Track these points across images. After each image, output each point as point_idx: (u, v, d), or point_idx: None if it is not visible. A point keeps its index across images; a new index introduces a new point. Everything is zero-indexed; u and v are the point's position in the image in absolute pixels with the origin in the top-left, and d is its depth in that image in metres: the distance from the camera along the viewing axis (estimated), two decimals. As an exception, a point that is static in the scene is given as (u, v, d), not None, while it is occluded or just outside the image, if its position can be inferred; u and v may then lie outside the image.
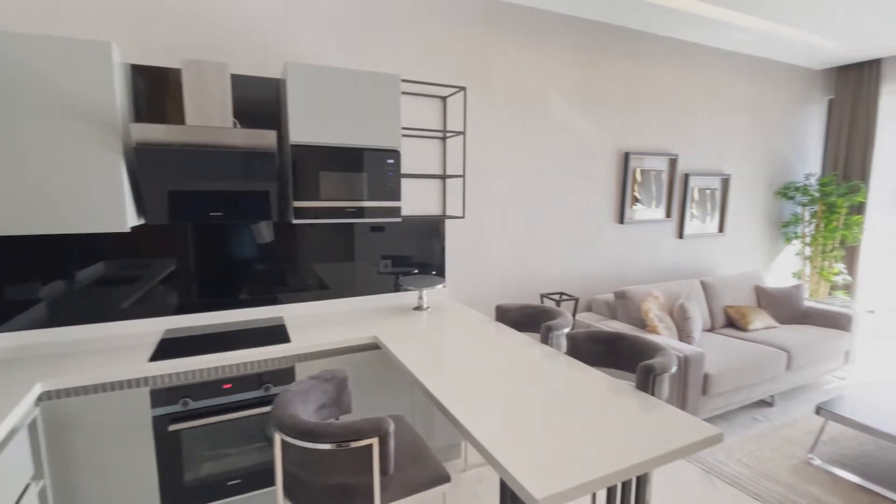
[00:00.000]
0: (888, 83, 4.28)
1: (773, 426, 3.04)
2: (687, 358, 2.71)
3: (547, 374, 1.69)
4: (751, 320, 3.65)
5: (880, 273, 4.46)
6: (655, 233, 3.92)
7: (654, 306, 3.20)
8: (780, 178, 4.68)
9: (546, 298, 3.36)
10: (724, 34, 3.63)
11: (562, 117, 3.31)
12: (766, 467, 2.56)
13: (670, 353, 1.63)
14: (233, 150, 2.01)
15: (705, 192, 4.11)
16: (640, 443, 1.22)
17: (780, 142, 4.59)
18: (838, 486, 2.38)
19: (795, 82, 4.57)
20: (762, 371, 3.11)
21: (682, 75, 3.82)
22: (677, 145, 3.90)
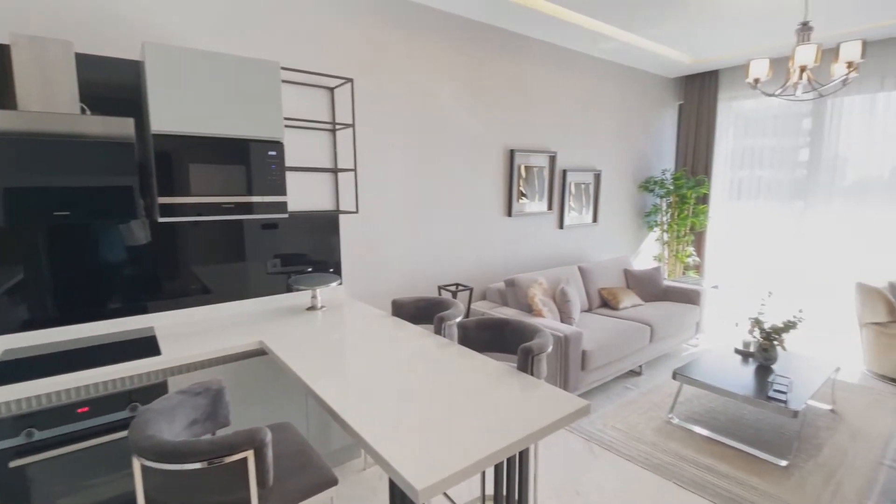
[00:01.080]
0: (724, 91, 5.05)
1: (641, 393, 3.45)
2: (567, 337, 2.96)
3: (439, 365, 1.73)
4: (621, 300, 4.09)
5: (722, 254, 5.28)
6: (539, 224, 4.21)
7: (538, 292, 3.44)
8: (643, 173, 5.30)
9: (443, 290, 3.44)
10: (594, 43, 3.99)
11: (453, 115, 3.39)
12: (635, 430, 2.90)
13: (547, 334, 1.77)
14: (82, 140, 1.74)
15: (581, 186, 4.50)
16: (519, 421, 1.30)
17: (641, 141, 5.19)
18: (692, 440, 2.77)
19: (653, 88, 5.20)
20: (631, 344, 3.51)
21: (559, 79, 4.13)
22: (556, 144, 4.21)
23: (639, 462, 2.53)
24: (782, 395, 2.57)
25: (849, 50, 2.52)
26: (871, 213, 4.19)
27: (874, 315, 3.62)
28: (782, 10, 3.32)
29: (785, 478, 2.38)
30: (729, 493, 2.26)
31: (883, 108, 4.06)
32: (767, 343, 2.95)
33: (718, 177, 5.20)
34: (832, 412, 3.09)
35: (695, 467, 2.48)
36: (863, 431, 2.84)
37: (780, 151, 4.73)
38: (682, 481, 2.36)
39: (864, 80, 4.07)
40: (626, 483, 2.35)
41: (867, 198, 4.22)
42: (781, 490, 2.28)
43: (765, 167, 4.86)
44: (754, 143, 4.93)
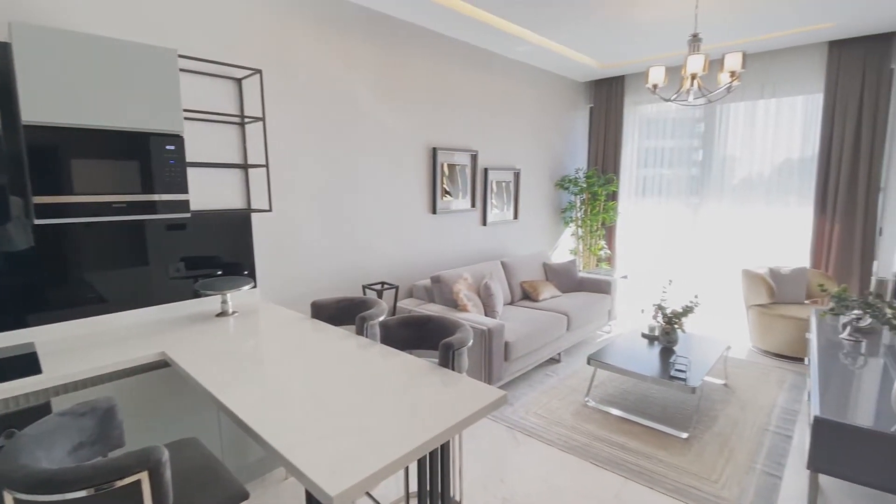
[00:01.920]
0: (629, 95, 5.44)
1: (560, 379, 3.63)
2: (490, 330, 3.04)
3: (359, 366, 1.69)
4: (541, 292, 4.28)
5: (630, 246, 5.70)
6: (464, 221, 4.28)
7: (463, 287, 3.50)
8: (558, 172, 5.58)
9: (368, 289, 3.37)
10: (510, 45, 4.12)
11: (372, 111, 3.33)
12: (555, 415, 3.04)
13: (468, 329, 1.79)
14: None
15: (502, 184, 4.64)
16: (439, 416, 1.31)
17: (556, 141, 5.46)
18: (607, 421, 2.96)
19: (566, 92, 5.48)
20: (550, 334, 3.68)
21: (479, 79, 4.22)
22: (477, 143, 4.30)
23: (559, 445, 2.66)
24: (682, 373, 2.83)
25: (731, 60, 2.81)
26: (755, 208, 4.74)
27: (758, 298, 4.11)
28: (676, 22, 3.64)
29: (686, 449, 2.62)
30: (638, 468, 2.44)
31: (763, 113, 4.60)
32: (669, 327, 3.23)
33: (626, 175, 5.60)
34: (725, 386, 3.45)
35: (609, 446, 2.66)
36: (751, 402, 3.20)
37: (678, 152, 5.20)
38: (598, 460, 2.51)
39: (746, 88, 4.58)
40: (547, 467, 2.46)
41: (751, 194, 4.76)
42: (683, 460, 2.51)
43: (665, 166, 5.31)
44: (656, 144, 5.37)
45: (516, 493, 2.25)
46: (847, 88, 4.02)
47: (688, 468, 2.43)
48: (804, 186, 4.40)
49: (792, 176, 4.48)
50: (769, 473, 2.38)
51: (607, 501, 2.18)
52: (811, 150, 4.33)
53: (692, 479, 2.34)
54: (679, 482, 2.31)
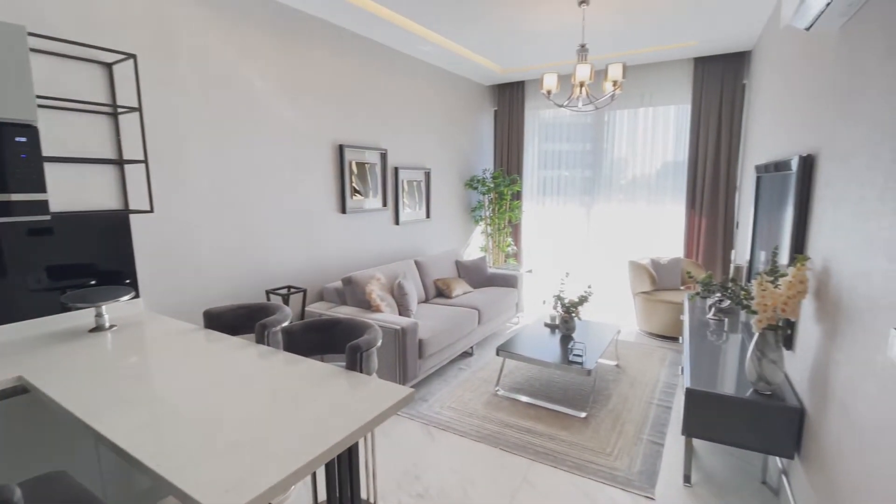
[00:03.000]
0: (529, 100, 5.74)
1: (472, 371, 3.74)
2: (404, 329, 3.04)
3: (260, 376, 1.59)
4: (453, 289, 4.38)
5: (534, 243, 6.04)
6: (376, 220, 4.23)
7: (376, 288, 3.46)
8: (468, 171, 5.74)
9: (272, 294, 3.20)
10: (414, 44, 4.15)
11: (272, 105, 3.16)
12: (468, 407, 3.13)
13: (376, 330, 1.78)
14: None
15: (413, 183, 4.67)
16: (345, 420, 1.28)
17: (465, 142, 5.61)
18: (516, 408, 3.11)
19: (473, 94, 5.65)
20: (463, 328, 3.78)
21: (386, 77, 4.19)
22: (387, 141, 4.28)
23: (471, 436, 2.74)
24: (580, 358, 3.06)
25: (614, 70, 3.09)
26: (639, 206, 5.27)
27: (642, 286, 4.58)
28: (567, 33, 3.92)
29: (585, 427, 2.84)
30: (544, 449, 2.60)
31: (643, 120, 5.12)
32: (567, 315, 3.49)
33: (528, 176, 5.92)
34: (617, 367, 3.80)
35: (518, 431, 2.80)
36: (638, 379, 3.56)
37: (573, 155, 5.61)
38: (508, 446, 2.63)
39: (628, 97, 5.07)
40: (461, 458, 2.52)
41: (636, 193, 5.28)
42: (582, 438, 2.72)
43: (562, 168, 5.71)
44: (554, 147, 5.75)
45: (431, 487, 2.28)
46: (709, 100, 4.62)
47: (586, 444, 2.64)
48: (677, 186, 4.99)
49: (668, 177, 5.06)
50: (653, 442, 2.67)
51: (516, 484, 2.30)
52: (683, 154, 4.92)
53: (590, 454, 2.54)
54: (579, 458, 2.50)
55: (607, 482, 2.30)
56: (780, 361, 2.01)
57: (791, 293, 1.86)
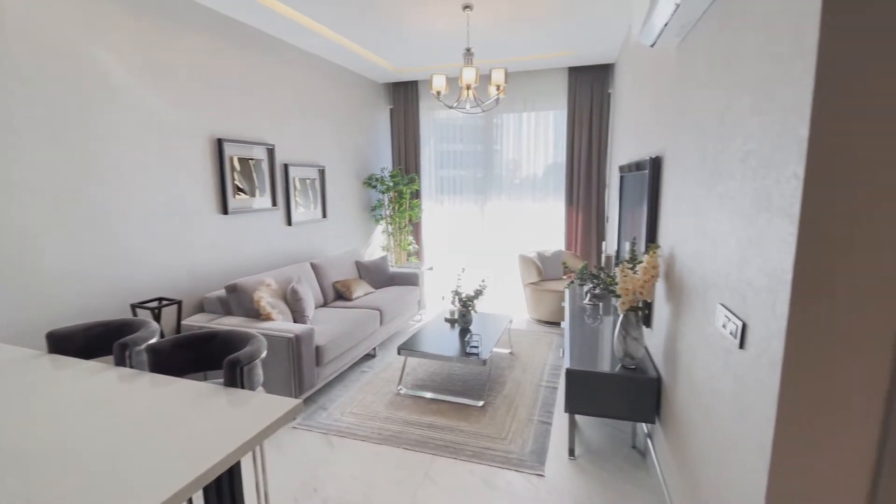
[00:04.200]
0: (423, 101, 5.81)
1: (375, 373, 3.71)
2: (298, 337, 2.91)
3: (119, 403, 1.41)
4: (354, 290, 4.29)
5: (435, 240, 6.14)
6: (265, 221, 3.98)
7: (266, 294, 3.26)
8: (366, 170, 5.66)
9: (139, 309, 2.85)
10: (303, 37, 3.98)
11: (132, 91, 2.81)
12: (370, 410, 3.09)
13: (260, 340, 1.67)
14: None
15: (306, 181, 4.47)
16: (221, 441, 1.19)
17: (362, 140, 5.52)
18: (418, 405, 3.14)
19: (368, 91, 5.57)
20: (364, 330, 3.72)
21: (273, 69, 3.95)
22: (274, 136, 4.04)
23: (373, 440, 2.71)
24: (476, 349, 3.19)
25: (497, 75, 3.25)
26: (526, 203, 5.63)
27: (530, 277, 4.90)
28: (453, 36, 4.04)
29: (482, 415, 2.97)
30: (444, 442, 2.66)
31: (527, 124, 5.47)
32: (464, 309, 3.61)
33: (426, 175, 6.01)
34: (511, 354, 4.02)
35: (420, 428, 2.83)
36: (530, 364, 3.80)
37: (467, 155, 5.81)
38: (410, 444, 2.65)
39: (513, 101, 5.37)
40: (362, 463, 2.49)
41: (523, 192, 5.63)
42: (480, 426, 2.84)
43: (458, 168, 5.88)
44: (450, 147, 5.90)
45: (330, 498, 2.21)
46: (581, 106, 5.08)
47: (483, 432, 2.76)
48: (558, 185, 5.42)
49: (550, 176, 5.48)
50: (542, 422, 2.88)
51: (419, 481, 2.33)
52: (561, 155, 5.35)
53: (487, 441, 2.66)
54: (477, 447, 2.60)
55: (503, 466, 2.43)
56: (640, 338, 2.28)
57: (646, 278, 2.12)
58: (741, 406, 1.26)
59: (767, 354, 1.12)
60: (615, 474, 2.35)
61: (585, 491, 2.23)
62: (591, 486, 2.26)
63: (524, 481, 2.31)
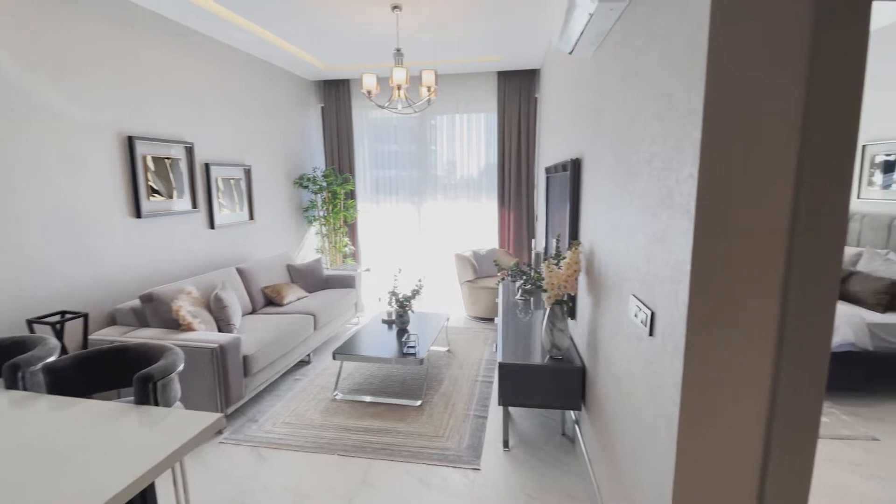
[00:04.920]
0: (356, 100, 5.70)
1: (310, 380, 3.59)
2: (223, 347, 2.75)
3: (9, 432, 1.26)
4: (285, 295, 4.13)
5: (372, 241, 6.06)
6: (184, 225, 3.72)
7: (186, 303, 3.05)
8: (297, 169, 5.46)
9: (37, 324, 2.56)
10: (225, 30, 3.76)
11: (25, 86, 2.51)
12: (304, 418, 3.00)
13: (176, 353, 1.57)
14: None
15: (230, 182, 4.24)
16: (130, 465, 1.10)
17: (292, 139, 5.32)
18: (355, 409, 3.08)
19: (298, 89, 5.38)
20: (297, 336, 3.59)
21: (191, 63, 3.70)
22: (193, 133, 3.79)
23: (307, 449, 2.63)
24: (413, 349, 3.19)
25: (427, 77, 3.27)
26: (461, 203, 5.72)
27: (466, 275, 4.98)
28: (383, 36, 4.01)
29: (420, 414, 2.98)
30: (382, 445, 2.64)
31: (460, 126, 5.55)
32: (401, 310, 3.60)
33: (361, 175, 5.91)
34: (448, 352, 4.07)
35: (357, 433, 2.78)
36: (466, 361, 3.87)
37: (403, 155, 5.79)
38: (346, 450, 2.60)
39: (446, 103, 5.43)
40: (295, 474, 2.40)
41: (458, 192, 5.71)
42: (418, 425, 2.84)
43: (394, 168, 5.85)
44: (385, 147, 5.84)
45: (261, 512, 2.12)
46: (510, 110, 5.25)
47: (420, 431, 2.77)
48: (491, 185, 5.56)
49: (483, 177, 5.61)
50: (479, 416, 2.94)
51: (356, 487, 2.29)
52: (493, 157, 5.50)
53: (424, 440, 2.68)
54: (415, 446, 2.61)
55: (440, 463, 2.45)
56: (566, 330, 2.40)
57: (569, 272, 2.24)
58: (652, 389, 1.37)
59: (672, 340, 1.22)
60: (547, 462, 2.45)
61: (519, 480, 2.31)
62: (524, 476, 2.34)
63: (461, 476, 2.35)
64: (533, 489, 2.24)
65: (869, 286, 3.20)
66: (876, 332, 2.99)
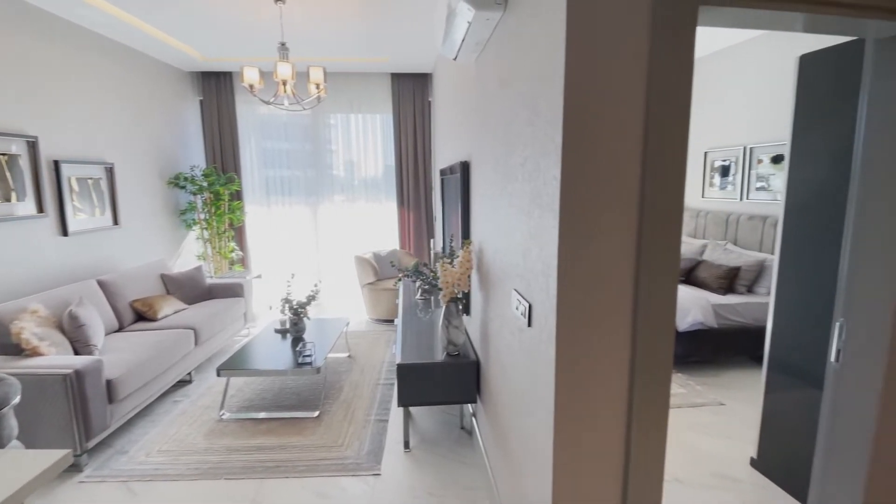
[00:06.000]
0: (241, 94, 5.30)
1: (192, 401, 3.27)
2: (79, 372, 2.38)
3: None
4: (159, 309, 3.71)
5: (263, 246, 5.69)
6: (28, 232, 3.16)
7: (31, 324, 2.60)
8: (171, 168, 4.93)
9: None
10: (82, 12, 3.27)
11: None
12: (185, 443, 2.71)
13: (9, 383, 1.32)
14: None
15: (87, 181, 3.69)
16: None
17: (165, 134, 4.79)
18: (244, 428, 2.86)
19: (171, 80, 4.86)
20: (174, 354, 3.24)
21: (42, 47, 3.15)
22: (38, 125, 3.23)
23: (188, 477, 2.38)
24: (309, 358, 3.06)
25: (315, 73, 3.16)
26: (360, 205, 5.62)
27: (367, 278, 4.91)
28: (266, 28, 3.79)
29: (318, 425, 2.86)
30: (275, 462, 2.49)
31: (355, 125, 5.45)
32: (296, 317, 3.43)
33: (249, 175, 5.52)
34: (349, 357, 3.97)
35: (246, 453, 2.59)
36: (368, 365, 3.81)
37: (296, 154, 5.53)
38: (233, 473, 2.40)
39: (340, 102, 5.30)
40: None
41: (356, 193, 5.60)
42: (315, 437, 2.73)
43: (286, 168, 5.55)
44: (275, 145, 5.53)
45: (130, 555, 1.88)
46: (405, 112, 5.29)
47: (318, 443, 2.67)
48: (390, 186, 5.55)
49: (382, 178, 5.58)
50: (380, 420, 2.92)
51: (245, 510, 2.13)
52: (391, 158, 5.49)
53: (322, 451, 2.58)
54: (311, 459, 2.50)
55: (338, 473, 2.38)
56: (461, 326, 2.48)
57: (462, 270, 2.31)
58: (533, 376, 1.47)
59: (546, 329, 1.32)
60: (447, 457, 2.51)
61: (419, 480, 2.33)
62: (425, 474, 2.37)
63: (360, 484, 2.30)
64: (433, 487, 2.27)
65: (712, 273, 3.77)
66: (719, 311, 3.52)
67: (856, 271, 1.49)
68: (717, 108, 4.51)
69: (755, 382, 3.22)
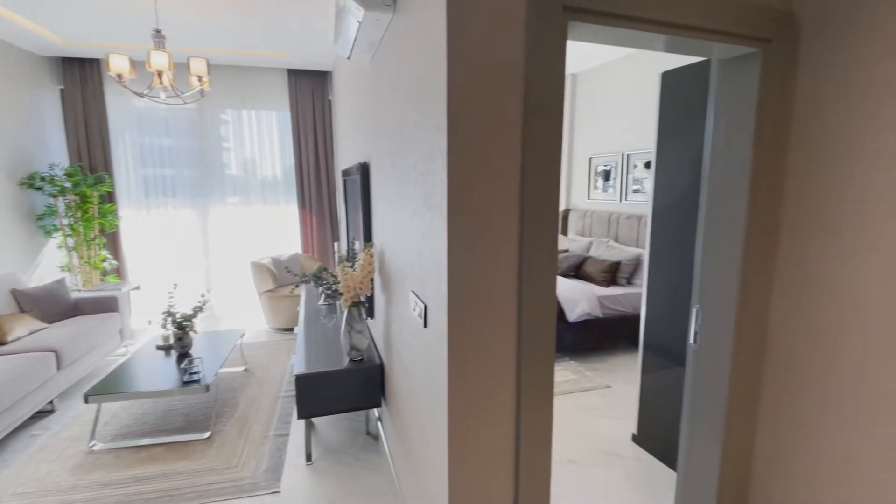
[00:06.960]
0: (113, 84, 4.69)
1: (54, 434, 2.83)
2: None
3: None
4: (9, 330, 3.15)
5: (142, 253, 5.09)
6: None
7: None
8: (24, 167, 4.23)
9: None
10: None
11: None
12: (46, 482, 2.34)
13: None
14: None
15: None
16: None
17: (15, 128, 4.10)
18: (120, 459, 2.54)
19: (24, 65, 4.17)
20: (29, 382, 2.78)
21: None
22: None
23: (46, 522, 2.06)
24: (196, 375, 2.80)
25: (196, 65, 2.91)
26: (256, 207, 5.28)
27: (265, 285, 4.63)
28: (140, 14, 3.40)
29: (209, 447, 2.63)
30: (157, 493, 2.24)
31: (248, 122, 5.11)
32: (180, 332, 3.12)
33: (123, 174, 4.93)
34: (245, 371, 3.71)
35: (122, 486, 2.30)
36: (267, 378, 3.58)
37: (179, 152, 5.04)
38: (106, 510, 2.12)
39: (230, 97, 4.94)
40: (25, 560, 1.85)
41: (251, 195, 5.26)
42: (207, 459, 2.51)
43: (168, 166, 5.04)
44: (155, 142, 4.99)
45: None
46: (304, 110, 5.09)
47: (209, 466, 2.45)
48: (289, 187, 5.30)
49: (280, 179, 5.30)
50: (280, 434, 2.76)
51: (119, 551, 1.88)
52: (290, 158, 5.24)
53: (214, 474, 2.38)
54: (200, 485, 2.29)
55: (232, 496, 2.21)
56: (365, 330, 2.44)
57: (363, 274, 2.27)
58: (430, 375, 1.49)
59: (439, 328, 1.34)
60: (352, 465, 2.45)
61: (322, 492, 2.24)
62: (328, 485, 2.29)
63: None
64: (336, 496, 2.20)
65: (597, 267, 4.13)
66: (604, 302, 3.87)
67: (706, 263, 1.72)
68: (599, 117, 4.95)
69: (636, 365, 3.59)
